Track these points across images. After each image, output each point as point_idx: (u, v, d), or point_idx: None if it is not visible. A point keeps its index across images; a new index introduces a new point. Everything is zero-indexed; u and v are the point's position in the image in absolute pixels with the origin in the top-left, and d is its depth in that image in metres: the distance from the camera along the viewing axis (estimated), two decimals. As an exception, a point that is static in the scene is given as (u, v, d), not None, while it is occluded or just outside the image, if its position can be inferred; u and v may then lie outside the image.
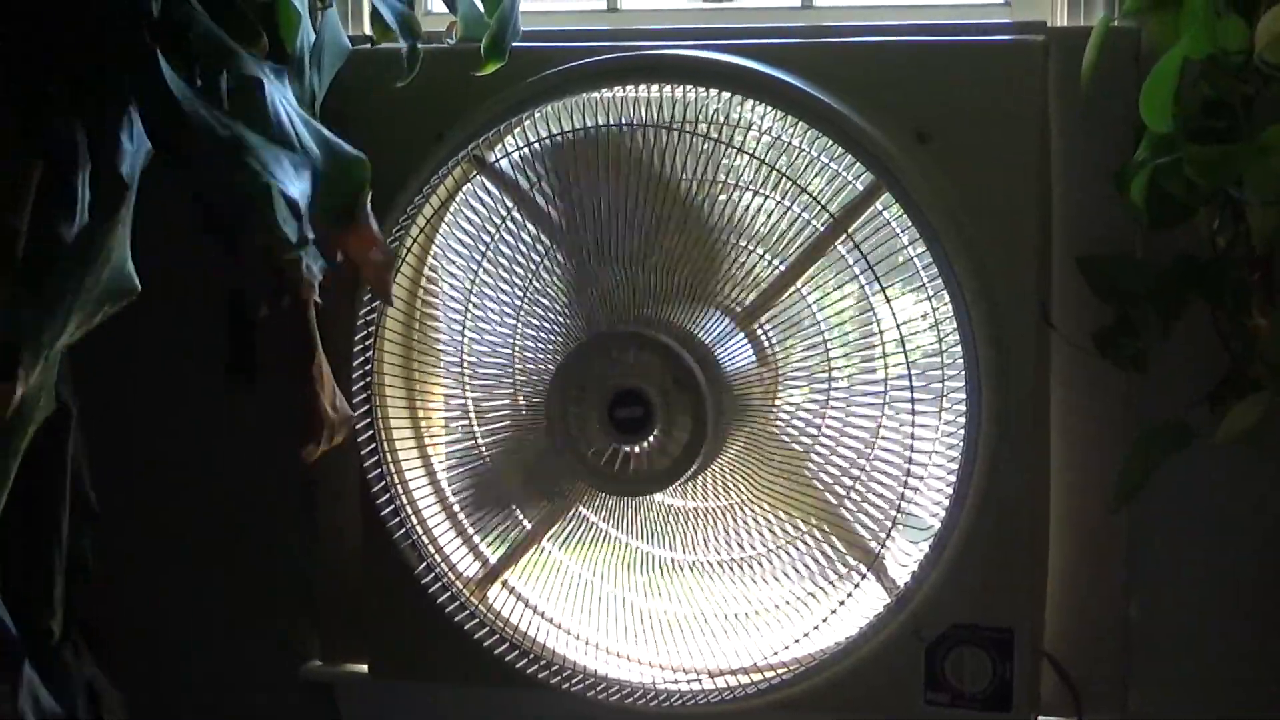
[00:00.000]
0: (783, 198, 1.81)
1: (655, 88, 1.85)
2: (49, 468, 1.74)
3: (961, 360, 1.79)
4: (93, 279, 1.50)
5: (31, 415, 1.55)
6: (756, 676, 1.91)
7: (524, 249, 1.90)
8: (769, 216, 1.82)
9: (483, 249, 1.93)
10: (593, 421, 1.82)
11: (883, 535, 1.83)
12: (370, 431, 1.98)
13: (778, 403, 1.86)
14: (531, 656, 1.99)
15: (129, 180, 1.53)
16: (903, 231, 1.80)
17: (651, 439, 1.80)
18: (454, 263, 1.96)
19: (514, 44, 1.87)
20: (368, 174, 1.61)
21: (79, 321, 1.50)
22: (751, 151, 1.80)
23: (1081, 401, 1.90)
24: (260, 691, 2.30)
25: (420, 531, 2.01)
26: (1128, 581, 1.94)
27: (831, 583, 1.87)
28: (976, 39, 1.84)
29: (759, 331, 1.86)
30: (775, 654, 1.91)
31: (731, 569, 1.91)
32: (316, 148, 1.60)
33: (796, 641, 1.89)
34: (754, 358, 1.85)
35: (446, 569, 2.01)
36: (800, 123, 1.81)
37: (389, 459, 2.00)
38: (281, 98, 1.60)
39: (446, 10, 1.95)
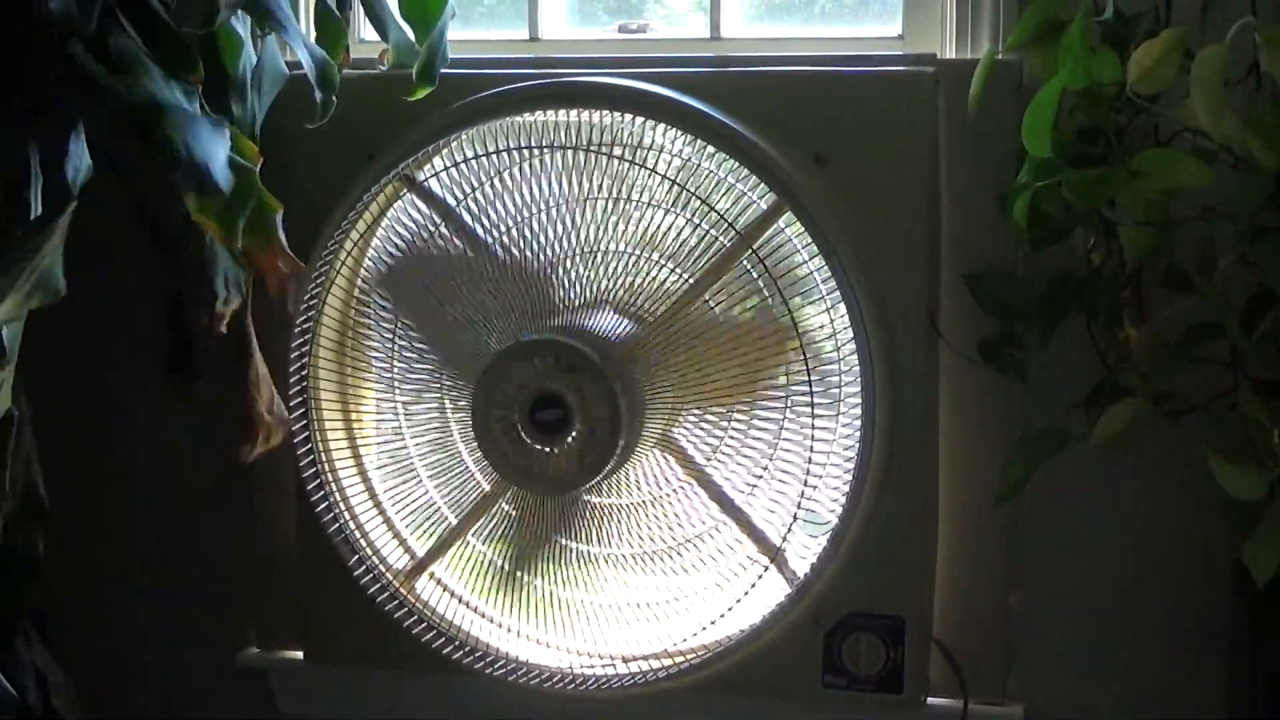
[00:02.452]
0: (692, 216, 1.82)
1: (574, 112, 1.85)
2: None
3: (857, 367, 1.80)
4: (24, 276, 1.50)
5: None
6: (667, 661, 1.92)
7: (462, 265, 1.90)
8: (679, 233, 1.82)
9: (414, 261, 1.93)
10: (515, 423, 1.82)
11: (784, 530, 1.85)
12: (306, 432, 1.98)
13: (689, 408, 1.87)
14: (457, 643, 1.99)
15: (73, 189, 1.53)
16: (803, 248, 1.81)
17: (570, 440, 1.80)
18: (389, 274, 1.95)
19: (442, 70, 1.88)
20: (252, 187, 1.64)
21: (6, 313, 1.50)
22: (663, 173, 1.81)
23: (967, 406, 1.92)
24: (199, 676, 2.30)
25: (353, 526, 2.00)
26: (1009, 574, 1.96)
27: (736, 574, 1.88)
28: (872, 70, 1.85)
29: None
30: (684, 640, 1.92)
31: (643, 561, 1.91)
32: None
33: (704, 629, 1.90)
34: (663, 364, 1.85)
35: (377, 561, 2.01)
36: (708, 146, 1.82)
37: (323, 458, 1.99)
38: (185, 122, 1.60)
39: (378, 38, 1.96)
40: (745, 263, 1.82)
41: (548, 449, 1.82)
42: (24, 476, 1.75)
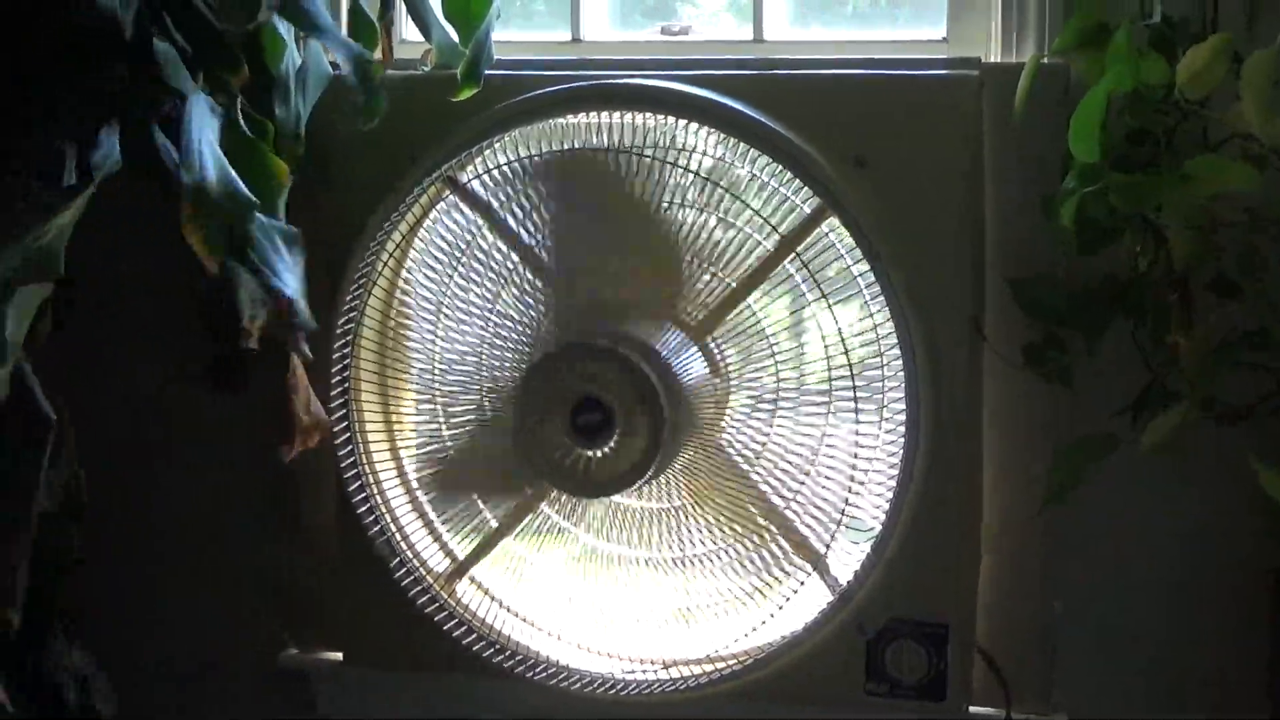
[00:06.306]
0: (734, 219, 1.81)
1: (618, 114, 1.84)
2: (18, 468, 1.73)
3: (901, 372, 1.78)
4: (19, 249, 1.49)
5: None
6: (708, 667, 1.91)
7: (493, 264, 1.89)
8: (721, 237, 1.81)
9: (454, 264, 1.92)
10: (556, 427, 1.81)
11: (827, 537, 1.83)
12: (347, 435, 1.97)
13: (728, 411, 1.86)
14: (497, 647, 1.99)
15: (93, 173, 1.52)
16: (846, 252, 1.80)
17: (611, 444, 1.80)
18: (426, 276, 1.95)
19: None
20: (248, 209, 1.62)
21: None
22: (706, 175, 1.80)
23: (1011, 411, 1.90)
24: (239, 677, 2.29)
25: (393, 528, 2.00)
26: (1053, 580, 1.94)
27: (778, 579, 1.87)
28: (916, 73, 1.83)
29: (711, 345, 1.85)
30: (726, 646, 1.90)
31: (685, 565, 1.90)
32: (213, 173, 1.59)
33: (746, 635, 1.89)
34: (706, 369, 1.84)
35: (418, 564, 2.00)
36: (752, 149, 1.81)
37: (364, 459, 1.99)
38: (201, 128, 1.59)
39: (421, 38, 1.95)
40: (788, 266, 1.81)
41: (590, 452, 1.81)
42: (65, 477, 1.75)
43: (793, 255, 1.80)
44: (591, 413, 1.79)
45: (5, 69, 1.48)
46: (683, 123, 1.83)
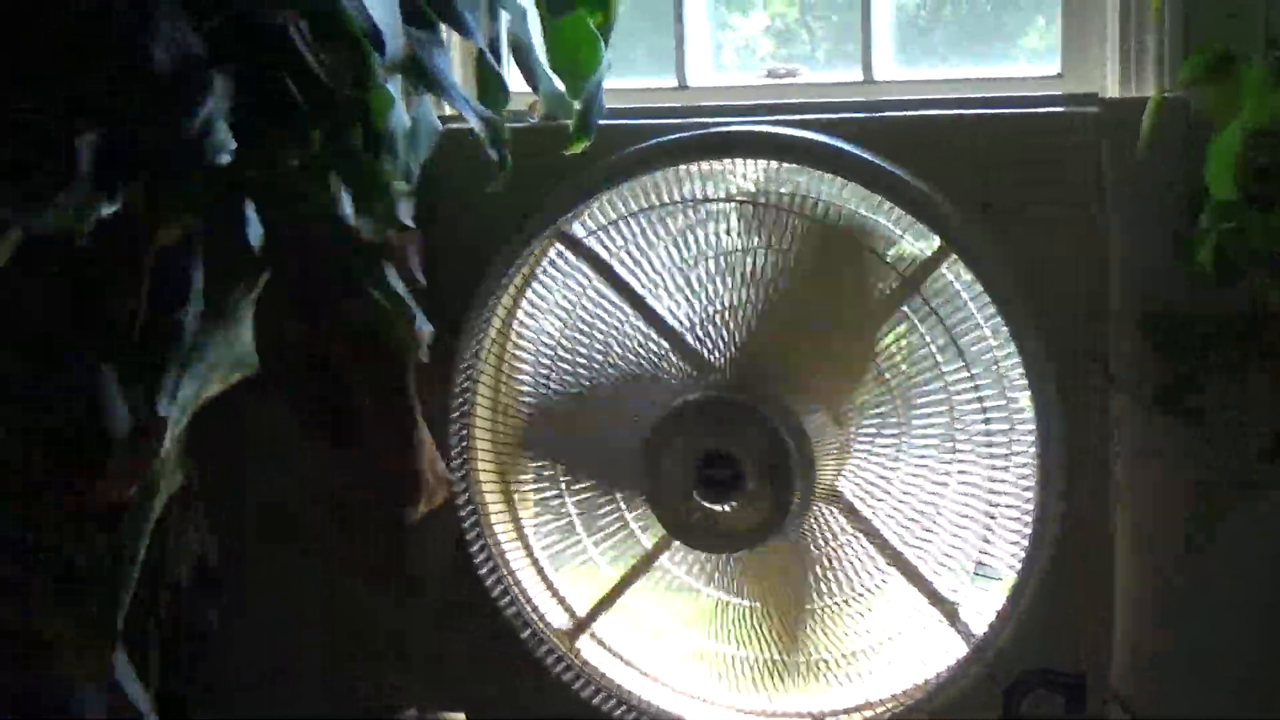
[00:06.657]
0: (855, 265, 1.78)
1: (731, 162, 1.83)
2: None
3: (1031, 416, 1.75)
4: (220, 351, 1.48)
5: (159, 488, 1.52)
6: (855, 717, 1.89)
7: (616, 320, 1.88)
8: (842, 281, 1.79)
9: (568, 317, 1.91)
10: (681, 481, 1.79)
11: (958, 585, 1.81)
12: (466, 492, 1.96)
13: (852, 459, 1.84)
14: (626, 706, 1.96)
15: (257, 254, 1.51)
16: (972, 299, 1.77)
17: (741, 497, 1.77)
18: (541, 330, 1.94)
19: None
20: None
21: (203, 391, 1.48)
22: (822, 217, 1.78)
23: (1141, 451, 1.87)
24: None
25: (513, 586, 1.98)
26: (1189, 622, 1.91)
27: (907, 628, 1.85)
28: (1033, 110, 1.81)
29: (833, 391, 1.83)
30: (862, 698, 1.88)
31: (813, 617, 1.87)
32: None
33: (879, 687, 1.87)
34: (829, 417, 1.82)
35: (538, 621, 1.99)
36: (871, 193, 1.78)
37: (483, 515, 1.97)
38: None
39: (528, 89, 1.93)
40: (909, 310, 1.78)
41: (718, 506, 1.78)
42: (196, 549, 1.73)
43: (915, 295, 1.77)
44: (719, 467, 1.77)
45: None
46: (793, 167, 1.81)
